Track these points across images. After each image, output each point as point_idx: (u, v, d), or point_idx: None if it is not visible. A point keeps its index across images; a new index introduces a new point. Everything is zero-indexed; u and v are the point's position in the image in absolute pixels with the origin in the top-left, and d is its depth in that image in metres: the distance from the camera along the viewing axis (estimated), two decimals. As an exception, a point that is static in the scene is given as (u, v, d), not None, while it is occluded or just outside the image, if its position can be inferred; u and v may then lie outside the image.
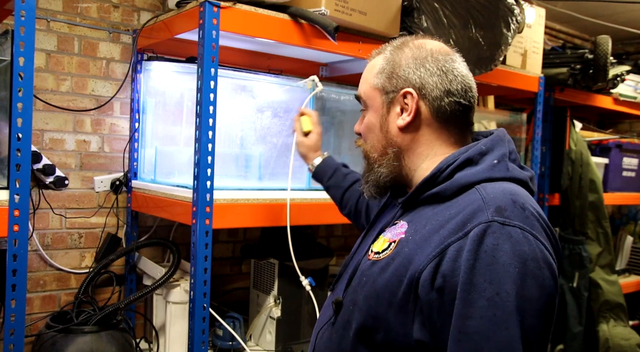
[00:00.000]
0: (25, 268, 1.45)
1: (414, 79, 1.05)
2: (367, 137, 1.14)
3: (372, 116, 1.12)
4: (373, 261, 1.03)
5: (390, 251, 1.01)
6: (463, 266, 0.88)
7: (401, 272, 0.95)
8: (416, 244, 0.96)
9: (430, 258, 0.91)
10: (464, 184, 0.98)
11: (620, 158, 3.46)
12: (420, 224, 0.99)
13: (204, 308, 1.64)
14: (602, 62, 2.86)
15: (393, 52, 1.10)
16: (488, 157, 1.02)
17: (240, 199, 1.73)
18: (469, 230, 0.90)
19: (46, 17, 2.01)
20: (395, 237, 1.02)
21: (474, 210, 0.92)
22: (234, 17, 1.66)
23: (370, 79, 1.12)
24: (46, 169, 1.97)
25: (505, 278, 0.86)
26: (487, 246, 0.87)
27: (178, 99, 2.04)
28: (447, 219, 0.95)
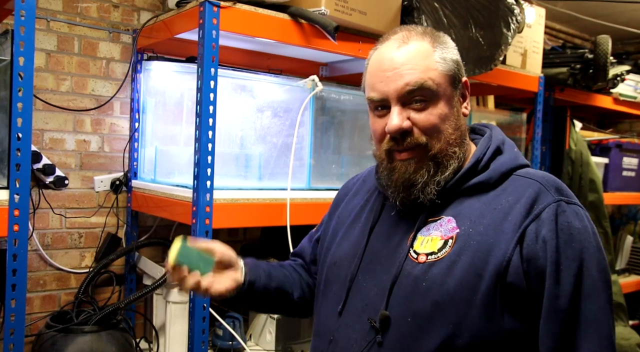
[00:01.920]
0: (25, 268, 1.45)
1: (462, 66, 1.07)
2: (439, 131, 1.01)
3: (444, 106, 1.02)
4: (430, 262, 0.97)
5: (450, 248, 0.96)
6: (547, 247, 0.91)
7: (478, 266, 0.93)
8: (486, 236, 0.95)
9: (513, 245, 0.92)
10: (505, 172, 1.01)
11: (620, 158, 3.46)
12: (474, 216, 0.98)
13: (204, 308, 1.64)
14: (602, 61, 2.85)
15: (441, 40, 1.05)
16: (506, 146, 1.06)
17: (240, 199, 1.73)
18: (540, 212, 0.93)
19: (46, 17, 2.01)
20: (450, 234, 0.98)
21: (536, 192, 0.96)
22: (234, 17, 1.66)
23: (433, 64, 1.01)
24: (46, 169, 1.97)
25: (585, 253, 0.92)
26: (562, 224, 0.92)
27: (178, 98, 2.04)
28: (508, 205, 0.96)
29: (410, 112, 1.01)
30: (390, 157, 1.04)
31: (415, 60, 1.00)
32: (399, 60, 1.00)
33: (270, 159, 2.00)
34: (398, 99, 1.00)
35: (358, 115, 2.32)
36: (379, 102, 1.03)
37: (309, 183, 2.04)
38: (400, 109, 1.00)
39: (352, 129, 2.30)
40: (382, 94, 1.02)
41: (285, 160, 1.94)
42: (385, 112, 1.03)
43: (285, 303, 1.23)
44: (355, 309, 1.03)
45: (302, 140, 2.02)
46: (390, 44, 1.03)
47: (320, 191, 2.02)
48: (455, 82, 1.04)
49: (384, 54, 1.03)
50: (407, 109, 1.01)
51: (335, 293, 1.09)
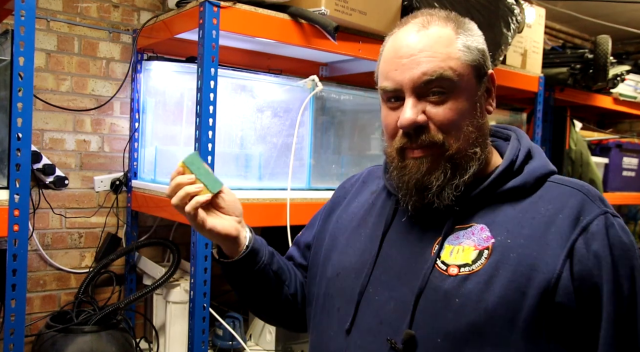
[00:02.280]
0: (25, 268, 1.45)
1: (488, 58, 0.95)
2: (458, 128, 0.89)
3: (465, 100, 0.90)
4: (463, 275, 0.85)
5: (486, 259, 0.85)
6: (602, 263, 0.82)
7: (521, 282, 0.82)
8: (527, 248, 0.84)
9: (562, 261, 0.82)
10: (539, 177, 0.91)
11: (620, 158, 3.46)
12: (511, 225, 0.87)
13: (204, 308, 1.64)
14: (602, 61, 2.86)
15: (466, 27, 0.94)
16: (535, 150, 0.97)
17: (240, 199, 1.72)
18: (587, 224, 0.84)
19: (46, 17, 2.01)
20: (485, 243, 0.86)
21: (580, 203, 0.86)
22: (234, 17, 1.66)
23: (454, 53, 0.89)
24: (46, 169, 1.97)
25: (636, 271, 0.85)
26: (613, 239, 0.84)
27: (178, 98, 2.04)
28: (549, 215, 0.86)
29: (426, 106, 0.89)
30: (402, 155, 0.93)
31: (436, 47, 0.88)
32: (417, 46, 0.89)
33: (270, 159, 2.00)
34: (413, 89, 0.88)
35: (358, 115, 2.32)
36: (392, 92, 0.91)
37: (309, 183, 2.04)
38: (416, 101, 0.89)
39: (352, 129, 2.30)
40: (395, 84, 0.90)
41: (285, 160, 1.94)
42: (398, 105, 0.91)
43: (278, 295, 1.07)
44: (368, 327, 0.91)
45: (302, 140, 2.02)
46: (409, 28, 0.92)
47: (320, 190, 2.02)
48: (480, 74, 0.92)
49: (401, 40, 0.92)
50: (423, 101, 0.89)
51: (340, 308, 0.96)
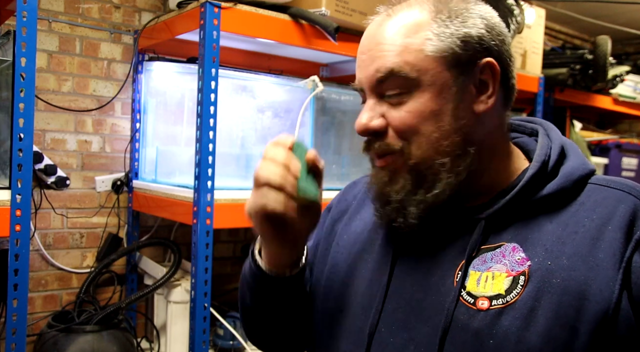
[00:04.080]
0: (26, 268, 1.45)
1: (491, 45, 0.75)
2: (419, 133, 0.74)
3: (432, 100, 0.73)
4: (497, 309, 0.69)
5: (522, 288, 0.69)
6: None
7: (570, 315, 0.66)
8: (573, 271, 0.68)
9: (620, 285, 0.66)
10: (578, 180, 0.74)
11: (620, 158, 3.47)
12: (550, 242, 0.70)
13: (205, 308, 1.65)
14: (601, 62, 2.86)
15: (448, 8, 0.75)
16: (569, 146, 0.80)
17: (241, 199, 1.74)
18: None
19: (48, 18, 2.02)
20: (520, 268, 0.70)
21: (632, 208, 0.70)
22: (234, 18, 1.66)
23: (417, 43, 0.73)
24: (48, 169, 1.97)
25: None
26: None
27: (179, 99, 2.04)
28: (595, 227, 0.70)
29: (385, 108, 0.75)
30: (372, 162, 0.81)
31: (394, 38, 0.74)
32: (376, 38, 0.76)
33: (270, 159, 2.00)
34: (371, 89, 0.76)
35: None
36: (360, 91, 0.80)
37: (310, 183, 2.05)
38: (375, 102, 0.76)
39: (353, 130, 2.28)
40: (358, 82, 0.79)
41: (285, 160, 1.94)
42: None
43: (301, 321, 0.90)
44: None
45: (303, 140, 2.02)
46: (376, 17, 0.80)
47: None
48: (458, 66, 0.73)
49: (366, 31, 0.80)
50: (383, 102, 0.76)
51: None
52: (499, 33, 0.76)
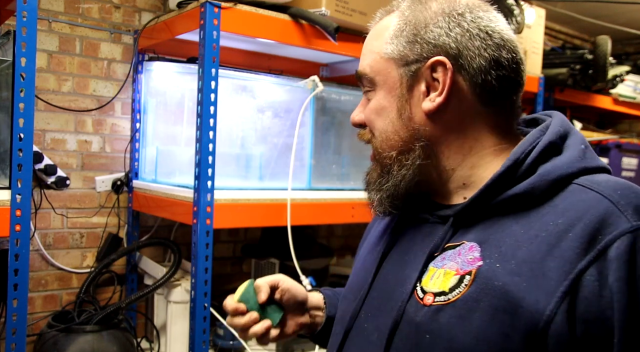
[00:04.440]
0: (27, 268, 1.45)
1: (448, 42, 0.75)
2: (375, 127, 0.82)
3: (384, 97, 0.79)
4: (437, 306, 0.70)
5: (466, 287, 0.68)
6: (616, 303, 0.60)
7: (504, 320, 0.64)
8: (517, 276, 0.65)
9: (559, 298, 0.62)
10: (558, 179, 0.70)
11: (620, 158, 3.47)
12: (507, 244, 0.68)
13: (205, 308, 1.65)
14: (601, 62, 2.86)
15: (413, 7, 0.78)
16: (570, 141, 0.74)
17: (240, 199, 1.74)
18: (605, 247, 0.62)
19: (48, 18, 2.02)
20: (469, 267, 0.70)
21: (602, 215, 0.64)
22: (234, 18, 1.67)
23: (379, 46, 0.79)
24: (48, 169, 1.97)
25: None
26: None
27: (179, 99, 2.04)
28: (555, 232, 0.65)
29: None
30: None
31: (369, 43, 0.82)
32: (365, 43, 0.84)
33: (270, 159, 2.00)
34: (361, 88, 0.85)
35: (358, 116, 2.32)
36: None
37: (310, 183, 2.05)
38: (363, 99, 0.85)
39: (353, 130, 2.29)
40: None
41: (285, 160, 1.94)
42: None
43: None
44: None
45: (303, 140, 2.03)
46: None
47: (320, 191, 2.03)
48: (406, 65, 0.77)
49: None
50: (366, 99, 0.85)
51: (335, 334, 0.88)
52: (468, 30, 0.75)
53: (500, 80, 0.75)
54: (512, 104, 0.79)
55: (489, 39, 0.75)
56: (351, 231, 2.88)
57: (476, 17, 0.76)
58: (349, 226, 2.84)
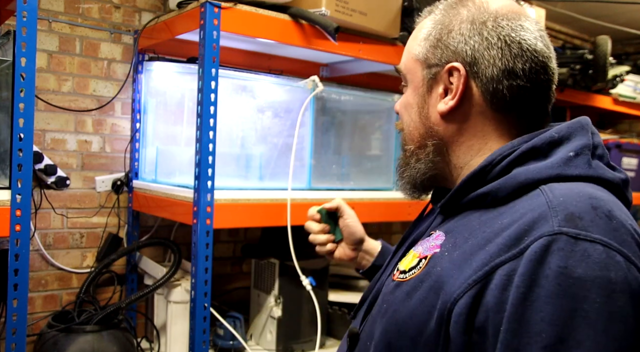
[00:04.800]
0: (26, 268, 1.45)
1: (465, 50, 0.80)
2: (403, 120, 0.92)
3: (411, 95, 0.88)
4: (397, 282, 0.79)
5: (420, 269, 0.76)
6: (512, 296, 0.63)
7: (430, 300, 0.71)
8: (452, 263, 0.72)
9: (469, 284, 0.67)
10: (524, 183, 0.72)
11: (620, 158, 3.47)
12: (462, 236, 0.74)
13: (205, 308, 1.65)
14: (601, 62, 2.86)
15: (445, 12, 0.84)
16: (562, 148, 0.75)
17: (240, 199, 1.74)
18: (526, 247, 0.65)
19: (48, 18, 2.02)
20: (427, 252, 0.78)
21: (535, 218, 0.67)
22: (234, 18, 1.67)
23: (412, 46, 0.87)
24: (48, 169, 1.97)
25: (577, 318, 0.59)
26: (550, 268, 0.62)
27: (179, 99, 2.04)
28: (496, 230, 0.70)
29: None
30: None
31: (410, 39, 0.91)
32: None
33: (270, 159, 2.00)
34: None
35: (358, 116, 2.32)
36: None
37: (310, 183, 2.05)
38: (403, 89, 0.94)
39: (353, 130, 2.31)
40: None
41: (285, 160, 1.94)
42: None
43: None
44: (356, 321, 0.94)
45: (303, 140, 2.03)
46: None
47: (320, 191, 2.03)
48: (429, 68, 0.84)
49: None
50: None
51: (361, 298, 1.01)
52: (487, 38, 0.79)
53: (513, 89, 0.78)
54: (533, 111, 0.81)
55: (507, 48, 0.78)
56: (351, 231, 2.88)
57: (498, 26, 0.79)
58: (349, 226, 2.84)
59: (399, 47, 2.08)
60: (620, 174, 0.77)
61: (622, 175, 0.77)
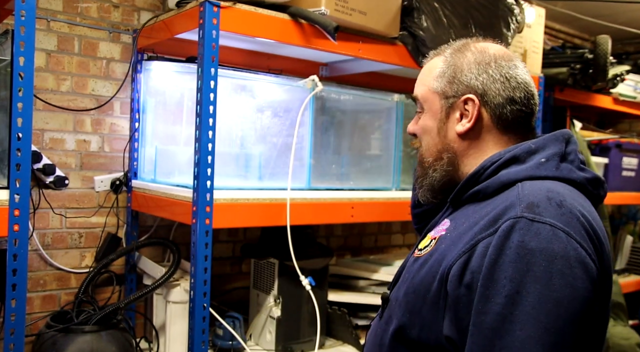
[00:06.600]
0: (25, 268, 1.45)
1: (476, 85, 1.05)
2: (422, 140, 1.14)
3: (429, 120, 1.11)
4: (416, 257, 1.05)
5: (430, 247, 1.02)
6: (486, 261, 0.87)
7: (435, 268, 0.96)
8: (451, 241, 0.97)
9: (460, 254, 0.91)
10: (505, 182, 0.98)
11: (620, 158, 3.46)
12: (460, 222, 1.00)
13: (204, 308, 1.64)
14: (601, 61, 2.86)
15: (454, 55, 1.09)
16: (536, 156, 1.00)
17: (240, 199, 1.73)
18: (498, 227, 0.89)
19: (46, 17, 2.01)
20: (437, 234, 1.03)
21: (507, 206, 0.91)
22: (234, 17, 1.66)
23: (428, 81, 1.11)
24: (46, 169, 1.97)
25: (528, 277, 0.83)
26: (512, 242, 0.86)
27: (178, 98, 2.04)
28: (482, 216, 0.95)
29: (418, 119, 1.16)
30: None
31: (422, 75, 1.14)
32: (422, 71, 1.16)
33: (270, 159, 2.00)
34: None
35: (358, 116, 2.32)
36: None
37: (309, 183, 2.05)
38: (417, 115, 1.16)
39: (352, 129, 2.30)
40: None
41: (285, 160, 1.94)
42: None
43: None
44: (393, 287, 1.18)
45: (302, 140, 2.02)
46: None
47: (320, 190, 2.03)
48: (446, 99, 1.08)
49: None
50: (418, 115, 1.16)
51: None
52: (492, 75, 1.05)
53: (514, 112, 1.05)
54: (525, 127, 1.08)
55: (507, 82, 1.05)
56: (350, 230, 2.88)
57: (499, 65, 1.06)
58: (349, 225, 2.84)
59: (398, 46, 2.07)
60: (586, 174, 1.00)
61: (587, 175, 1.00)
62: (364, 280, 2.31)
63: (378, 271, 2.30)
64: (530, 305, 0.82)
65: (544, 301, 0.82)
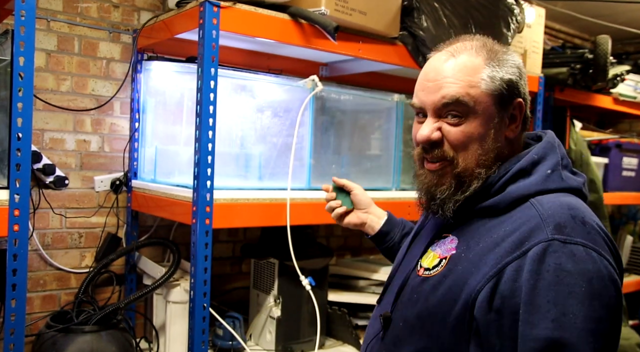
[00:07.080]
0: (25, 268, 1.45)
1: (522, 88, 1.04)
2: (467, 149, 1.01)
3: (481, 125, 1.00)
4: (423, 277, 1.02)
5: (442, 267, 0.99)
6: (524, 286, 0.86)
7: (455, 292, 0.94)
8: (470, 263, 0.94)
9: (487, 278, 0.90)
10: (517, 197, 0.97)
11: (620, 158, 3.46)
12: (473, 240, 0.98)
13: (204, 308, 1.64)
14: (602, 61, 2.86)
15: (496, 58, 1.02)
16: (541, 167, 1.00)
17: (240, 199, 1.73)
18: (528, 249, 0.88)
19: (46, 17, 2.01)
20: (446, 254, 1.01)
21: (532, 228, 0.90)
22: (234, 17, 1.66)
23: (477, 81, 1.00)
24: (46, 169, 1.97)
25: (571, 299, 0.84)
26: (549, 265, 0.86)
27: (178, 98, 2.04)
28: (502, 236, 0.93)
29: (444, 124, 1.02)
30: (421, 163, 1.07)
31: (459, 74, 1.00)
32: (442, 72, 1.01)
33: (270, 159, 2.00)
34: (434, 110, 1.02)
35: (358, 115, 2.32)
36: (419, 109, 1.06)
37: (309, 183, 2.05)
38: (435, 120, 1.02)
39: (352, 129, 2.30)
40: (420, 103, 1.05)
41: (285, 160, 1.94)
42: (424, 120, 1.05)
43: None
44: (383, 304, 1.15)
45: (302, 140, 2.02)
46: (441, 54, 1.05)
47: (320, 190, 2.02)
48: (502, 103, 1.01)
49: (431, 64, 1.05)
50: (442, 121, 1.02)
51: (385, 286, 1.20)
52: (525, 79, 1.05)
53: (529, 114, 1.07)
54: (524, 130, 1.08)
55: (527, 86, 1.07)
56: (350, 230, 2.87)
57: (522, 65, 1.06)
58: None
59: (398, 46, 2.07)
60: (580, 178, 1.03)
61: (581, 179, 1.03)
62: (364, 280, 2.31)
63: (378, 271, 2.30)
64: (579, 327, 0.84)
65: (589, 321, 0.84)
